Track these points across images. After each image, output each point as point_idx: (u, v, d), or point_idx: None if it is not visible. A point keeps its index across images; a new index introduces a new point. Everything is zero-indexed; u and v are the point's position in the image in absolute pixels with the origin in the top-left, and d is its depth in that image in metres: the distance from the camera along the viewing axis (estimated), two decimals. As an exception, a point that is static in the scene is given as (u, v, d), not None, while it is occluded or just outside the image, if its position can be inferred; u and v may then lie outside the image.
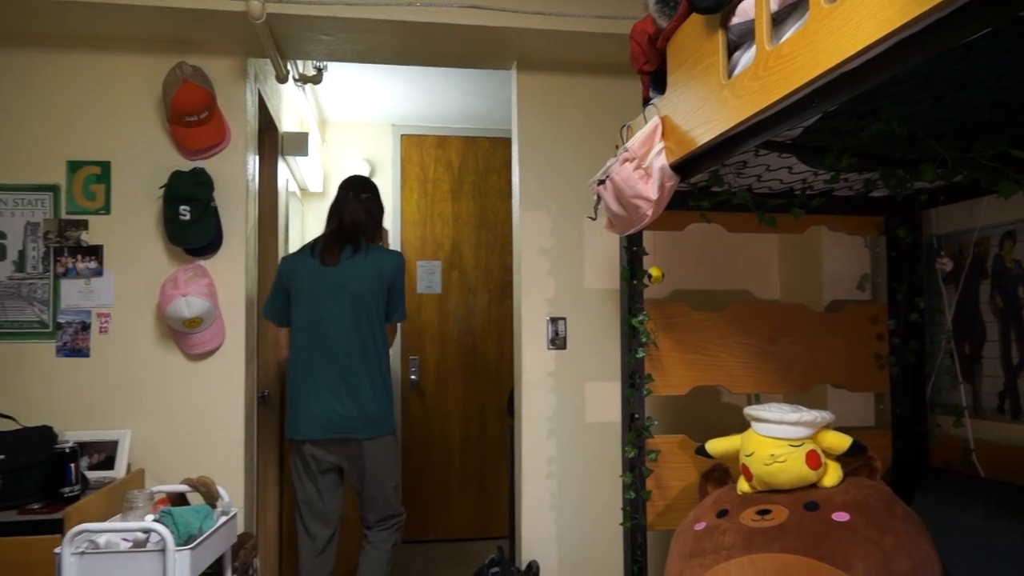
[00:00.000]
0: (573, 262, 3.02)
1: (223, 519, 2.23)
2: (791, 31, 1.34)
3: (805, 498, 1.92)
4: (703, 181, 2.21)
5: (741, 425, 2.11)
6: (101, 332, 2.69)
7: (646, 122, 1.94)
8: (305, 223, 4.44)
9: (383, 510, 2.81)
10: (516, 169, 3.09)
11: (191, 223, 2.65)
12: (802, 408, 2.01)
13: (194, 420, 2.72)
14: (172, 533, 1.95)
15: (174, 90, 2.62)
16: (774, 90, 1.37)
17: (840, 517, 1.84)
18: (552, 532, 2.94)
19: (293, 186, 4.08)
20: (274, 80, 3.16)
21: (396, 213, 4.66)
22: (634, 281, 2.30)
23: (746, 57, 1.52)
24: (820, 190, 2.34)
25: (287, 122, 3.74)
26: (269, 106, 3.26)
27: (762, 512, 1.92)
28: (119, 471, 2.56)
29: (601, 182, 2.05)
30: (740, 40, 1.56)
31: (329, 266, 2.71)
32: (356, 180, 2.96)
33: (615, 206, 2.01)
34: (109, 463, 2.57)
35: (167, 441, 2.69)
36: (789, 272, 3.08)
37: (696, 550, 1.94)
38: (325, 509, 2.76)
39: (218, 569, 2.29)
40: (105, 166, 2.72)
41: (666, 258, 2.98)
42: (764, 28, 1.40)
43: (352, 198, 2.86)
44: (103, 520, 2.18)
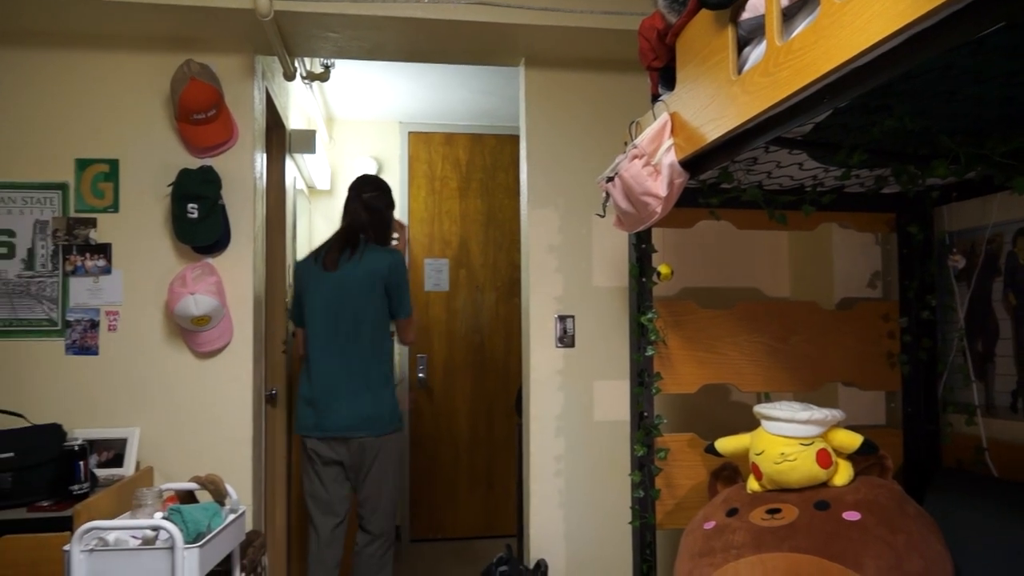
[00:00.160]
0: (581, 260, 3.01)
1: (231, 517, 2.23)
2: (802, 26, 1.33)
3: (815, 497, 1.91)
4: (712, 178, 2.19)
5: (751, 423, 2.10)
6: (110, 330, 2.70)
7: (655, 119, 1.93)
8: (312, 221, 4.44)
9: (373, 510, 2.82)
10: (524, 166, 3.08)
11: (199, 221, 2.65)
12: (812, 406, 1.99)
13: (202, 418, 2.72)
14: (181, 531, 1.95)
15: (182, 88, 2.62)
16: (785, 86, 1.35)
17: (851, 516, 1.82)
18: (561, 531, 2.93)
19: (301, 184, 4.08)
20: (281, 78, 3.16)
21: (404, 211, 4.66)
22: (643, 279, 2.29)
23: (756, 53, 1.51)
24: (831, 187, 2.32)
25: (294, 120, 3.74)
26: (276, 104, 3.26)
27: (772, 511, 1.91)
28: (128, 469, 2.57)
29: (610, 179, 2.04)
30: (750, 36, 1.55)
31: (329, 271, 2.82)
32: (359, 180, 3.01)
33: (624, 203, 2.01)
34: (118, 461, 2.58)
35: (175, 439, 2.70)
36: (799, 270, 3.06)
37: (705, 549, 1.94)
38: (330, 500, 2.83)
39: (227, 567, 2.29)
40: (113, 164, 2.73)
41: (675, 255, 2.97)
42: (774, 23, 1.39)
43: (354, 199, 2.94)
44: (112, 518, 2.18)
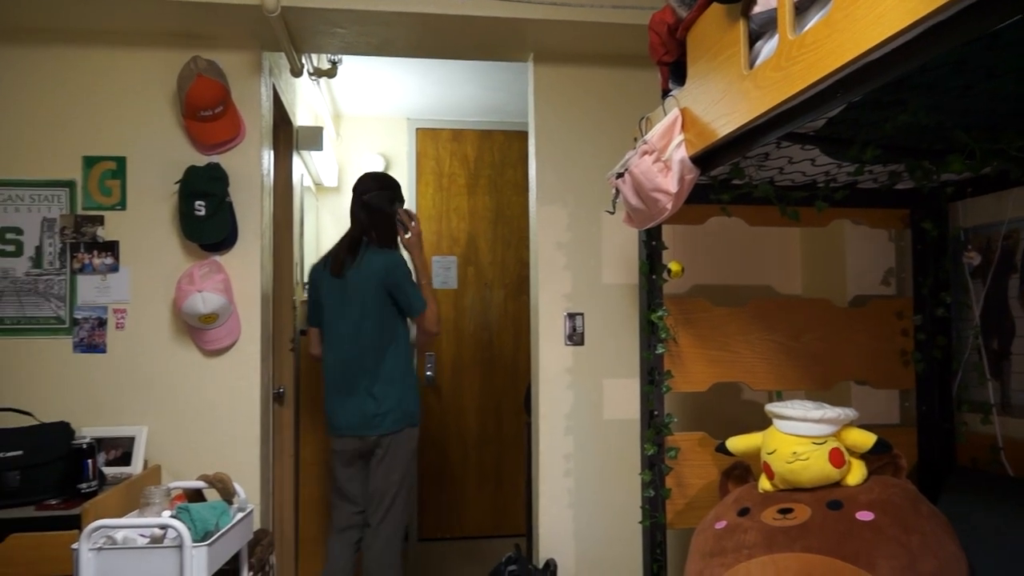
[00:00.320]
0: (591, 257, 2.99)
1: (239, 515, 2.23)
2: (814, 20, 1.31)
3: (828, 497, 1.89)
4: (723, 174, 2.17)
5: (762, 422, 2.08)
6: (117, 328, 2.70)
7: (665, 114, 1.92)
8: (320, 218, 4.43)
9: (379, 506, 2.85)
10: (532, 163, 3.06)
11: (206, 218, 2.64)
12: (825, 405, 1.98)
13: (210, 416, 2.72)
14: (189, 529, 1.95)
15: (189, 84, 2.61)
16: (797, 80, 1.34)
17: (864, 516, 1.81)
18: (570, 530, 2.92)
19: (308, 181, 4.07)
20: (288, 74, 3.15)
21: (412, 208, 4.64)
22: (653, 276, 2.28)
23: (768, 47, 1.50)
24: (844, 183, 2.30)
25: (302, 116, 3.73)
26: (284, 100, 3.25)
27: (784, 511, 1.89)
28: (136, 467, 2.58)
29: (619, 175, 2.03)
30: (762, 30, 1.54)
31: (336, 277, 2.88)
32: (359, 181, 3.03)
33: (634, 200, 1.99)
34: (126, 459, 2.58)
35: (183, 437, 2.70)
36: (812, 267, 3.04)
37: (716, 549, 1.92)
38: (350, 492, 2.92)
39: (235, 565, 2.29)
40: (121, 161, 2.72)
41: (686, 252, 2.94)
42: (787, 17, 1.38)
43: (355, 202, 2.98)
44: (120, 516, 2.18)
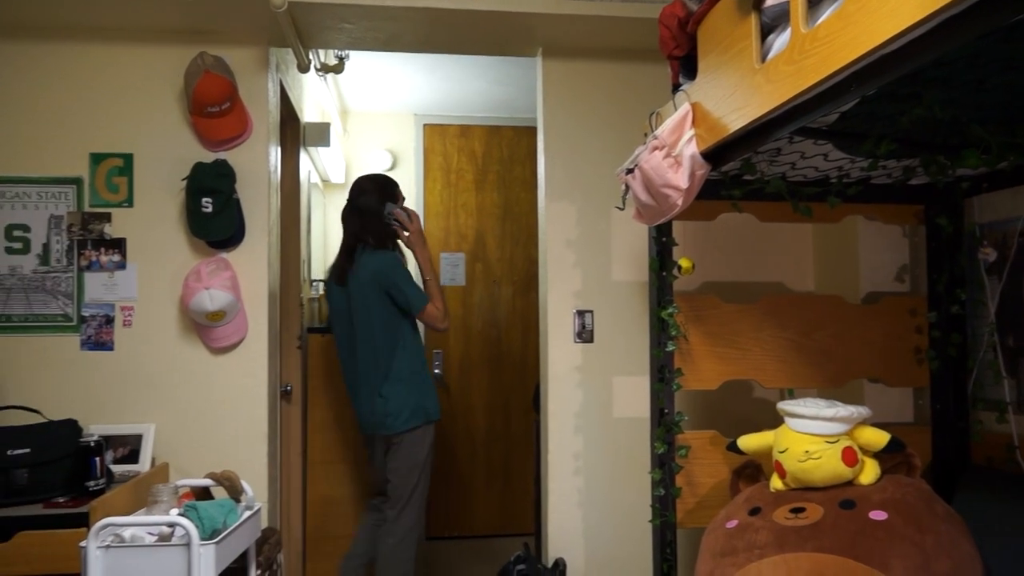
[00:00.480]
0: (600, 254, 2.97)
1: (247, 514, 2.24)
2: (827, 12, 1.30)
3: (841, 496, 1.87)
4: (735, 169, 2.15)
5: (774, 420, 2.07)
6: (125, 325, 2.69)
7: (676, 109, 1.90)
8: (327, 214, 4.43)
9: (392, 500, 2.92)
10: (541, 159, 3.04)
11: (213, 215, 2.64)
12: (838, 403, 1.95)
13: (217, 414, 2.72)
14: (197, 527, 1.95)
15: (195, 81, 2.60)
16: (810, 74, 1.33)
17: (877, 516, 1.79)
18: (579, 529, 2.90)
19: (315, 177, 4.06)
20: (296, 70, 3.14)
21: (419, 204, 4.63)
22: (663, 273, 2.26)
23: (780, 40, 1.48)
24: (857, 178, 2.27)
25: (309, 112, 3.72)
26: (291, 96, 3.24)
27: (796, 510, 1.87)
28: (143, 465, 2.58)
29: (629, 171, 2.02)
30: (774, 23, 1.53)
31: (340, 285, 2.97)
32: (350, 192, 3.07)
33: (644, 196, 1.98)
34: (133, 457, 2.58)
35: (191, 435, 2.70)
36: (824, 263, 3.01)
37: (727, 549, 1.91)
38: (373, 480, 3.14)
39: (242, 564, 2.29)
40: (128, 158, 2.72)
41: (696, 249, 2.92)
42: (799, 10, 1.36)
43: (345, 210, 3.04)
44: (128, 514, 2.19)
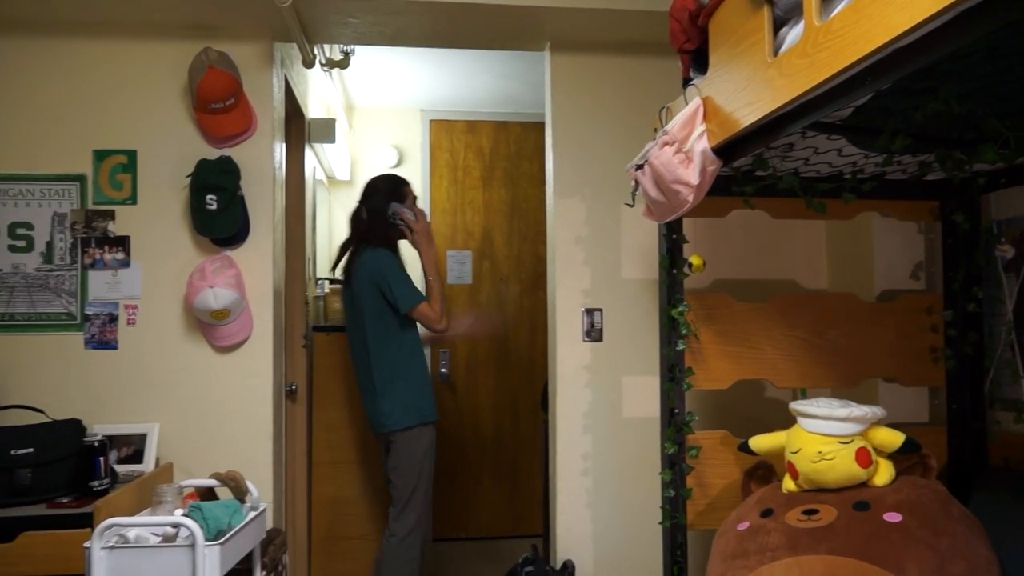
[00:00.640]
0: (609, 251, 2.95)
1: (252, 514, 2.23)
2: (842, 5, 1.29)
3: (855, 497, 1.85)
4: (746, 165, 2.13)
5: (786, 421, 2.05)
6: (129, 324, 2.68)
7: (686, 104, 1.90)
8: (332, 211, 4.41)
9: (395, 497, 2.94)
10: (549, 155, 3.02)
11: (218, 213, 2.62)
12: (851, 403, 1.94)
13: (222, 413, 2.70)
14: (201, 528, 1.94)
15: (200, 76, 2.58)
16: (824, 68, 1.32)
17: (892, 518, 1.77)
18: (588, 531, 2.88)
19: (320, 174, 4.05)
20: (300, 65, 3.12)
21: (425, 201, 4.61)
22: (674, 270, 2.25)
23: (793, 33, 1.48)
24: (871, 174, 2.25)
25: (314, 108, 3.70)
26: (296, 92, 3.22)
27: (809, 512, 1.86)
28: (148, 465, 2.57)
29: (639, 167, 2.01)
30: (787, 15, 1.52)
31: (348, 287, 3.03)
32: (362, 191, 3.12)
33: (654, 192, 1.97)
34: (138, 457, 2.57)
35: (195, 435, 2.68)
36: (838, 260, 2.99)
37: (739, 551, 1.89)
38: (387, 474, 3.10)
39: (247, 565, 2.28)
40: (131, 155, 2.70)
41: (707, 246, 2.88)
42: (813, 2, 1.36)
43: (353, 213, 3.10)
44: (132, 514, 2.18)
